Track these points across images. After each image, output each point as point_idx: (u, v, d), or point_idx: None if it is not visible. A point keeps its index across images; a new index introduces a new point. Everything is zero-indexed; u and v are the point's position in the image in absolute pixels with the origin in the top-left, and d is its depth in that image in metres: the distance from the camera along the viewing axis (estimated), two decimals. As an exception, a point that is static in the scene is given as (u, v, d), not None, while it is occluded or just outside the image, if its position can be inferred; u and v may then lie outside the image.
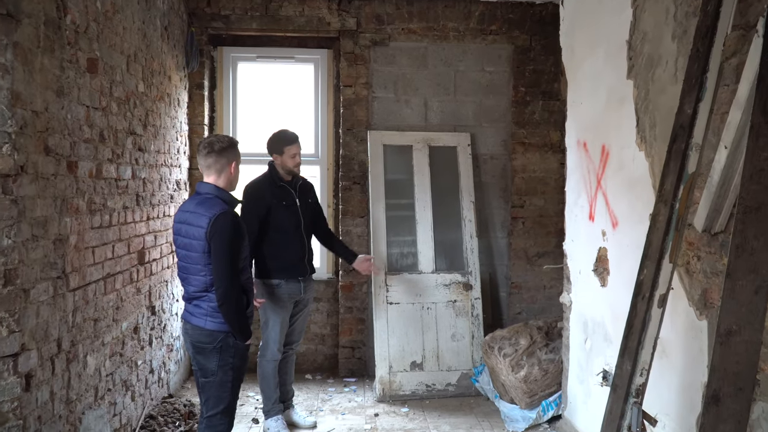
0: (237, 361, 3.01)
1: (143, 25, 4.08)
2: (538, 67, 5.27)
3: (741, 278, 1.81)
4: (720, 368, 1.80)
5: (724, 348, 1.80)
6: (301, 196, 4.17)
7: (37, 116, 2.76)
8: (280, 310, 4.08)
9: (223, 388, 3.00)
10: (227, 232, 2.90)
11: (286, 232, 4.08)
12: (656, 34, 2.99)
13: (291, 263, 4.08)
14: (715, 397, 1.79)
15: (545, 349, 4.34)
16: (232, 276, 2.91)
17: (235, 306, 2.93)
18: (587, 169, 3.78)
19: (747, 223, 1.82)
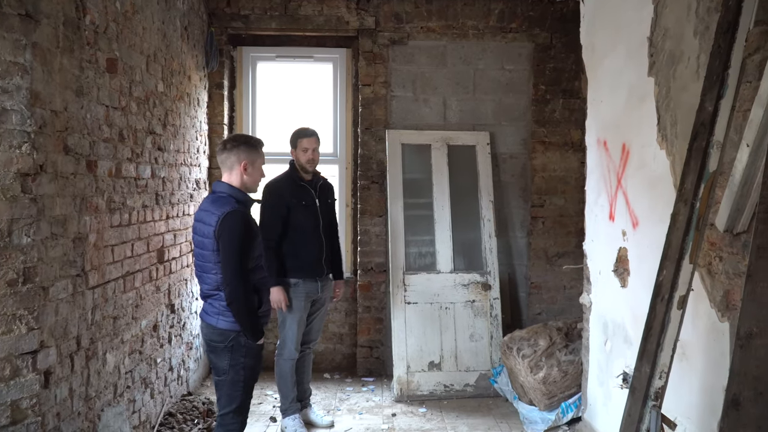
0: (249, 360, 3.00)
1: (163, 25, 4.11)
2: (558, 65, 5.21)
3: (762, 279, 1.76)
4: (740, 372, 1.75)
5: (744, 351, 1.76)
6: (321, 196, 4.15)
7: (56, 116, 2.79)
8: (297, 310, 4.07)
9: (235, 387, 3.00)
10: (235, 231, 2.90)
11: (304, 232, 4.06)
12: (678, 31, 2.93)
13: (308, 263, 4.07)
14: (735, 402, 1.74)
15: (565, 350, 4.29)
16: (240, 275, 2.90)
17: (244, 305, 2.92)
18: (607, 168, 3.72)
19: (769, 223, 1.77)
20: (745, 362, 1.75)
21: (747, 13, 2.22)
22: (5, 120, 2.50)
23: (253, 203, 3.16)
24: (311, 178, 4.14)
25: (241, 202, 3.01)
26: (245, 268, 2.93)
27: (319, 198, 4.13)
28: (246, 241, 2.93)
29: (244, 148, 3.05)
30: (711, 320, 2.58)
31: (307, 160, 4.07)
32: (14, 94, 2.53)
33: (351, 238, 5.44)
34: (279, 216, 4.00)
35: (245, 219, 2.96)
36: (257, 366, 3.09)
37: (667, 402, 2.70)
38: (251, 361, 3.02)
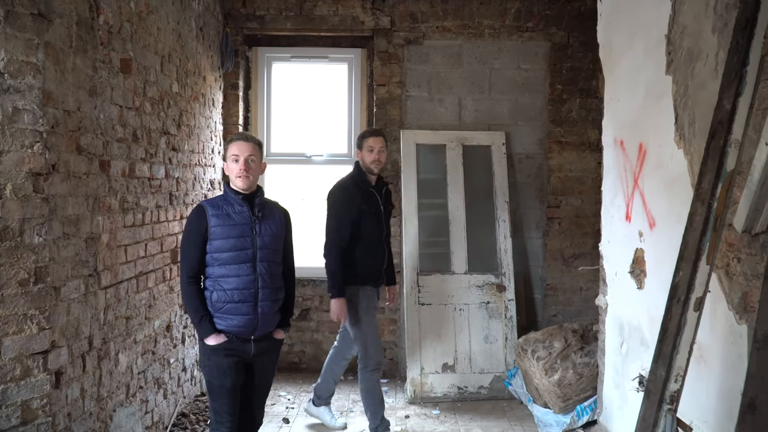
0: (205, 360, 2.99)
1: (178, 25, 4.13)
2: (575, 65, 5.15)
3: (781, 281, 1.71)
4: (757, 375, 1.70)
5: (762, 354, 1.70)
6: (385, 203, 4.03)
7: (68, 115, 2.80)
8: (368, 316, 3.92)
9: (207, 386, 3.04)
10: (187, 223, 3.02)
11: (371, 240, 3.92)
12: (696, 28, 2.87)
13: (374, 271, 3.96)
14: (751, 405, 1.69)
15: (580, 352, 4.22)
16: (181, 267, 2.97)
17: (185, 299, 2.98)
18: (624, 168, 3.66)
19: (788, 223, 1.72)
20: (763, 365, 1.70)
21: (766, 8, 2.16)
22: (17, 119, 2.52)
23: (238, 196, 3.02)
24: (375, 182, 3.98)
25: (221, 196, 3.06)
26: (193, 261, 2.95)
27: (384, 205, 4.00)
28: (195, 233, 2.95)
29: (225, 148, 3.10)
30: (729, 322, 2.51)
31: (372, 161, 3.87)
32: (26, 94, 2.54)
33: (365, 238, 5.41)
34: (349, 220, 3.83)
35: (199, 212, 2.97)
36: (217, 368, 2.95)
37: (683, 406, 2.64)
38: (207, 361, 2.97)
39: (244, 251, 2.96)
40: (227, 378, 2.96)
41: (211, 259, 2.95)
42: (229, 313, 2.94)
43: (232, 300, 2.93)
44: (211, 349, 2.91)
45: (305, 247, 6.61)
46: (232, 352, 2.95)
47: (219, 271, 2.94)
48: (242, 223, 2.98)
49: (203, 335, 2.93)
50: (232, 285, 2.93)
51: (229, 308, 2.93)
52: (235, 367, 2.97)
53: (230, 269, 2.94)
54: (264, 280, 3.00)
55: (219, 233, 2.93)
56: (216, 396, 2.97)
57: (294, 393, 4.88)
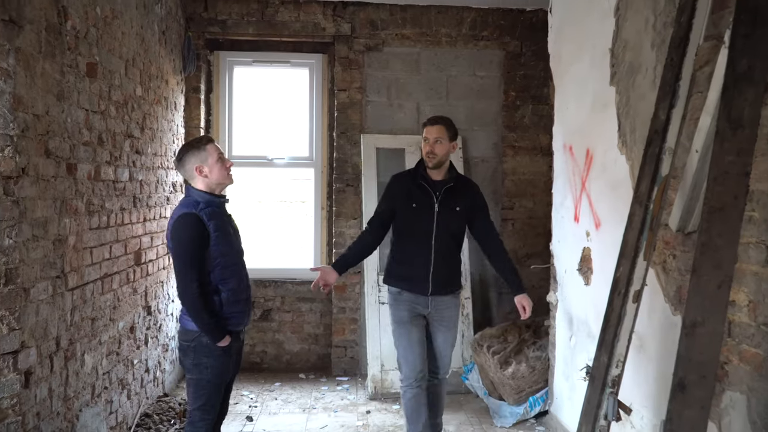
0: (210, 360, 2.99)
1: (141, 29, 4.18)
2: (528, 72, 5.39)
3: (705, 274, 1.92)
4: (686, 357, 1.91)
5: (690, 339, 1.91)
6: (445, 201, 3.50)
7: (38, 119, 2.85)
8: (403, 324, 3.53)
9: (199, 386, 3.02)
10: (184, 234, 2.91)
11: (411, 239, 3.53)
12: (637, 43, 3.10)
13: (413, 276, 3.51)
14: (681, 385, 1.89)
15: (533, 346, 4.44)
16: (188, 276, 2.89)
17: (193, 306, 2.91)
18: (573, 172, 3.89)
19: (712, 223, 1.93)
20: (690, 349, 1.91)
21: (697, 29, 2.38)
22: (-11, 124, 2.56)
23: (223, 201, 3.09)
24: (442, 178, 3.53)
25: (204, 203, 2.98)
26: (200, 270, 2.92)
27: (442, 203, 3.49)
28: (197, 242, 2.91)
29: (190, 155, 3.03)
30: (665, 314, 2.74)
31: (426, 153, 3.48)
32: (-2, 99, 2.59)
33: (326, 240, 5.54)
34: (384, 207, 3.59)
35: (196, 221, 2.92)
36: (222, 366, 3.03)
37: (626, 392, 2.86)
38: (213, 362, 3.00)
39: (237, 252, 3.11)
40: (226, 375, 3.09)
41: (213, 265, 2.98)
42: (234, 313, 3.04)
43: (237, 299, 3.04)
44: (221, 349, 3.00)
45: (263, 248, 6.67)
46: (231, 349, 3.06)
47: (220, 274, 3.00)
48: (228, 225, 3.08)
49: (218, 338, 2.97)
50: (234, 285, 3.03)
51: (234, 308, 3.04)
52: (230, 363, 3.10)
53: (232, 271, 3.03)
54: (248, 278, 3.17)
55: (219, 238, 2.98)
56: (210, 393, 3.04)
57: (257, 392, 4.96)
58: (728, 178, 1.92)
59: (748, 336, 2.28)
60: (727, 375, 2.39)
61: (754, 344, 2.25)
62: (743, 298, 2.30)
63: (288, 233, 6.60)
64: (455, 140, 3.58)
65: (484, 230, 3.65)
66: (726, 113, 1.96)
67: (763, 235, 2.21)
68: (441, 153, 3.48)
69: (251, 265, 5.44)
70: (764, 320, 2.20)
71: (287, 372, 5.43)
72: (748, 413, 2.26)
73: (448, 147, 3.52)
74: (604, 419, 2.35)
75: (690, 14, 2.37)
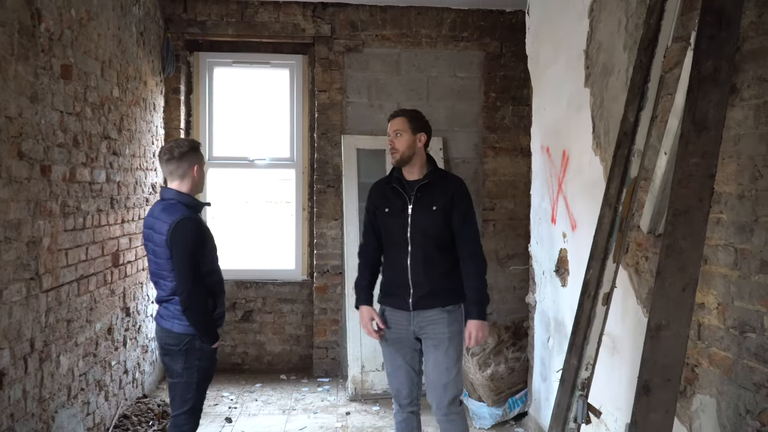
0: (203, 363, 3.04)
1: (118, 31, 4.16)
2: (508, 73, 5.41)
3: (670, 276, 1.94)
4: (650, 360, 1.92)
5: (654, 341, 1.93)
6: (421, 200, 3.08)
7: (10, 122, 2.83)
8: (385, 347, 3.22)
9: (188, 389, 3.04)
10: (187, 239, 2.91)
11: (390, 248, 3.18)
12: (610, 45, 3.13)
13: (394, 290, 3.13)
14: (645, 388, 1.91)
15: (512, 348, 4.46)
16: (194, 281, 2.92)
17: (198, 310, 2.94)
18: (550, 173, 3.91)
19: (676, 225, 1.95)
20: (655, 351, 1.92)
21: (666, 30, 2.41)
22: (-42, 126, 2.54)
23: (202, 207, 3.15)
24: (417, 177, 3.13)
25: (191, 208, 3.01)
26: (199, 274, 2.95)
27: (416, 203, 3.08)
28: (198, 246, 2.95)
29: (192, 153, 3.04)
30: (638, 316, 2.76)
31: (389, 149, 3.16)
32: (-33, 101, 2.57)
33: (308, 241, 5.54)
34: (368, 221, 3.25)
35: (196, 225, 2.98)
36: (211, 368, 3.13)
37: (600, 394, 2.89)
38: (205, 364, 3.05)
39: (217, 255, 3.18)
40: (212, 376, 3.18)
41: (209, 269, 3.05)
42: (221, 314, 3.14)
43: (222, 301, 3.15)
44: (212, 351, 3.08)
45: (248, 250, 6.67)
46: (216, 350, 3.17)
47: (212, 278, 3.08)
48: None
49: (214, 340, 3.05)
50: (221, 287, 3.14)
51: (221, 309, 3.13)
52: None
53: (218, 274, 3.13)
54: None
55: (213, 243, 3.10)
56: (198, 396, 3.10)
57: (237, 393, 4.95)
58: (693, 181, 1.94)
59: (717, 339, 2.31)
60: (698, 378, 2.42)
61: (723, 347, 2.28)
62: (712, 301, 2.33)
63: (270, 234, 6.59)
64: (421, 132, 3.11)
65: (457, 233, 3.08)
66: (691, 115, 1.98)
67: (731, 237, 2.24)
68: (402, 147, 3.06)
69: (232, 266, 5.49)
70: (732, 323, 2.23)
71: (268, 373, 5.42)
72: (717, 417, 2.29)
73: (411, 140, 3.07)
74: (573, 422, 2.37)
75: (659, 16, 2.39)
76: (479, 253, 3.12)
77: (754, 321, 2.12)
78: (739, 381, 2.18)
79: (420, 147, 3.15)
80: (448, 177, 3.23)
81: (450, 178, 3.21)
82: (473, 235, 3.11)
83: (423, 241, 3.06)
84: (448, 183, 3.14)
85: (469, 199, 3.15)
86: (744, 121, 2.15)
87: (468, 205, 3.13)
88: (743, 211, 2.17)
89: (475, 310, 3.05)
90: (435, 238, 3.07)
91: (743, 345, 2.17)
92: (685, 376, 2.47)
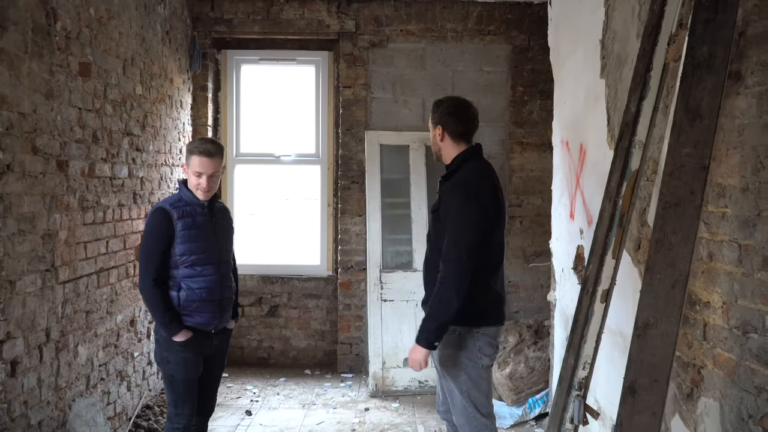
0: (171, 356, 3.01)
1: (141, 30, 4.25)
2: (536, 67, 5.29)
3: (659, 272, 1.85)
4: (637, 360, 1.84)
5: (641, 340, 1.84)
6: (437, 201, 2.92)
7: (24, 118, 2.93)
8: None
9: (168, 381, 3.07)
10: (148, 227, 3.02)
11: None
12: (624, 33, 3.01)
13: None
14: (631, 388, 1.83)
15: (533, 347, 4.36)
16: (143, 268, 2.99)
17: (146, 298, 3.01)
18: (569, 168, 3.80)
19: (666, 219, 1.85)
20: (642, 351, 1.83)
21: (670, 16, 2.29)
22: (-32, 122, 2.64)
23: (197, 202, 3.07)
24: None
25: (176, 199, 3.06)
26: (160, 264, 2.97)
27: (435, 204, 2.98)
28: (159, 237, 2.97)
29: (186, 152, 3.09)
30: (645, 315, 2.65)
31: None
32: (-23, 98, 2.67)
33: (332, 237, 5.55)
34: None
35: (163, 217, 2.98)
36: (185, 363, 3.03)
37: (610, 393, 2.79)
38: (173, 357, 3.02)
39: (209, 253, 3.06)
40: (191, 371, 3.07)
41: (176, 262, 3.01)
42: (197, 311, 3.03)
43: (200, 299, 3.03)
44: (179, 345, 3.01)
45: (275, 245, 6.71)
46: (196, 346, 3.06)
47: (185, 272, 3.02)
48: (204, 227, 3.07)
49: (172, 333, 2.99)
50: (200, 285, 3.03)
51: (198, 306, 3.03)
52: (199, 360, 3.10)
53: (196, 270, 3.03)
54: (224, 279, 3.14)
55: (185, 237, 3.00)
56: (179, 389, 3.07)
57: (260, 387, 5.00)
58: (684, 172, 1.84)
59: (721, 339, 2.19)
60: (703, 380, 2.30)
61: (727, 348, 2.16)
62: (717, 299, 2.21)
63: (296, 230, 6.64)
64: (437, 126, 2.89)
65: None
66: (684, 103, 1.88)
67: (735, 232, 2.12)
68: (431, 142, 2.98)
69: (258, 261, 5.55)
70: (736, 323, 2.10)
71: (294, 368, 5.45)
72: (721, 421, 2.17)
73: (433, 134, 2.93)
74: (570, 423, 2.29)
75: (662, 1, 2.28)
76: (448, 268, 2.65)
77: (756, 321, 2.00)
78: (742, 384, 2.06)
79: (442, 142, 2.88)
80: (454, 174, 2.86)
81: (453, 176, 2.85)
82: (448, 243, 2.67)
83: (429, 248, 2.94)
84: (450, 181, 2.85)
85: (456, 201, 2.73)
86: (747, 110, 2.03)
87: (450, 207, 2.74)
88: (746, 204, 2.04)
89: (419, 335, 2.74)
90: (431, 242, 2.92)
91: (745, 346, 2.05)
92: (691, 378, 2.36)
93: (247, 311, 5.49)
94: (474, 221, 2.68)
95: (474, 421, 2.76)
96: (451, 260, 2.66)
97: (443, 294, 2.67)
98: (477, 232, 2.68)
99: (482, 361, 2.75)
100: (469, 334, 2.75)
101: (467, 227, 2.67)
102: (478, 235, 2.68)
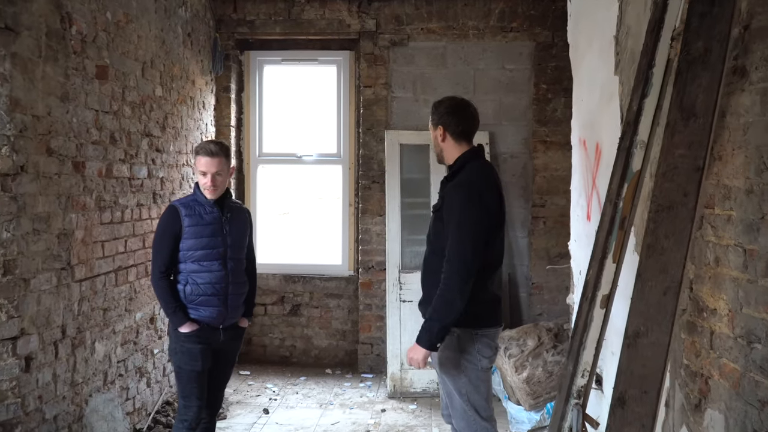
0: (178, 347, 3.12)
1: (162, 32, 4.31)
2: (560, 64, 5.16)
3: (650, 278, 1.77)
4: (626, 370, 1.77)
5: (631, 350, 1.77)
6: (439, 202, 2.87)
7: (38, 120, 3.00)
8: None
9: (176, 373, 3.18)
10: (159, 222, 3.21)
11: None
12: (637, 29, 2.90)
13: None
14: (620, 399, 1.76)
15: (553, 350, 4.27)
16: (153, 261, 3.18)
17: (155, 290, 3.20)
18: (586, 168, 3.70)
19: (659, 222, 1.78)
20: (632, 361, 1.77)
21: (673, 10, 2.20)
22: (-18, 125, 2.72)
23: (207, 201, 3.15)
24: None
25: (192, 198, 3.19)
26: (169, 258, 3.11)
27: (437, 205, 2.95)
28: (166, 232, 3.12)
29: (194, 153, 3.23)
30: (652, 320, 2.56)
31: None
32: (-9, 101, 2.74)
33: (354, 236, 5.55)
34: None
35: (171, 214, 3.13)
36: (189, 354, 3.10)
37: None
38: (180, 348, 3.12)
39: (215, 250, 3.14)
40: (198, 363, 3.13)
41: (184, 256, 3.12)
42: (202, 304, 3.12)
43: (205, 293, 3.12)
44: (185, 336, 3.10)
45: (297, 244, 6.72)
46: (202, 339, 3.14)
47: (191, 267, 3.12)
48: (213, 223, 3.15)
49: (177, 324, 3.11)
50: (205, 280, 3.12)
51: (202, 300, 3.12)
52: (205, 353, 3.16)
53: (202, 266, 3.12)
54: (232, 276, 3.19)
55: (192, 233, 3.11)
56: (186, 381, 3.15)
57: (280, 385, 5.04)
58: (678, 174, 1.77)
59: (726, 349, 2.09)
60: (710, 391, 2.20)
61: (732, 358, 2.06)
62: (723, 307, 2.11)
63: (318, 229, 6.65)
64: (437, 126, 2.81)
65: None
66: (678, 101, 1.81)
67: (740, 236, 2.02)
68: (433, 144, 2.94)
69: (280, 260, 5.59)
70: (740, 332, 2.01)
71: (315, 367, 5.48)
72: (726, 435, 2.08)
73: (434, 136, 2.85)
74: None
75: (666, -5, 2.19)
76: (452, 269, 2.61)
77: (759, 330, 1.90)
78: (746, 396, 1.96)
79: (443, 142, 2.81)
80: (456, 175, 2.79)
81: (456, 177, 2.77)
82: (452, 244, 2.62)
83: (427, 248, 2.89)
84: (453, 181, 2.77)
85: (459, 201, 2.66)
86: (752, 107, 1.93)
87: (454, 207, 2.67)
88: (750, 207, 1.94)
89: (419, 334, 2.72)
90: (430, 242, 2.86)
91: (750, 357, 1.95)
92: (699, 388, 2.26)
93: (269, 310, 5.53)
94: (478, 222, 2.65)
95: (474, 425, 2.72)
96: (455, 261, 2.62)
97: (447, 295, 2.63)
98: (481, 233, 2.65)
99: (481, 363, 2.73)
100: (467, 336, 2.72)
101: (471, 228, 2.64)
102: (482, 235, 2.65)
